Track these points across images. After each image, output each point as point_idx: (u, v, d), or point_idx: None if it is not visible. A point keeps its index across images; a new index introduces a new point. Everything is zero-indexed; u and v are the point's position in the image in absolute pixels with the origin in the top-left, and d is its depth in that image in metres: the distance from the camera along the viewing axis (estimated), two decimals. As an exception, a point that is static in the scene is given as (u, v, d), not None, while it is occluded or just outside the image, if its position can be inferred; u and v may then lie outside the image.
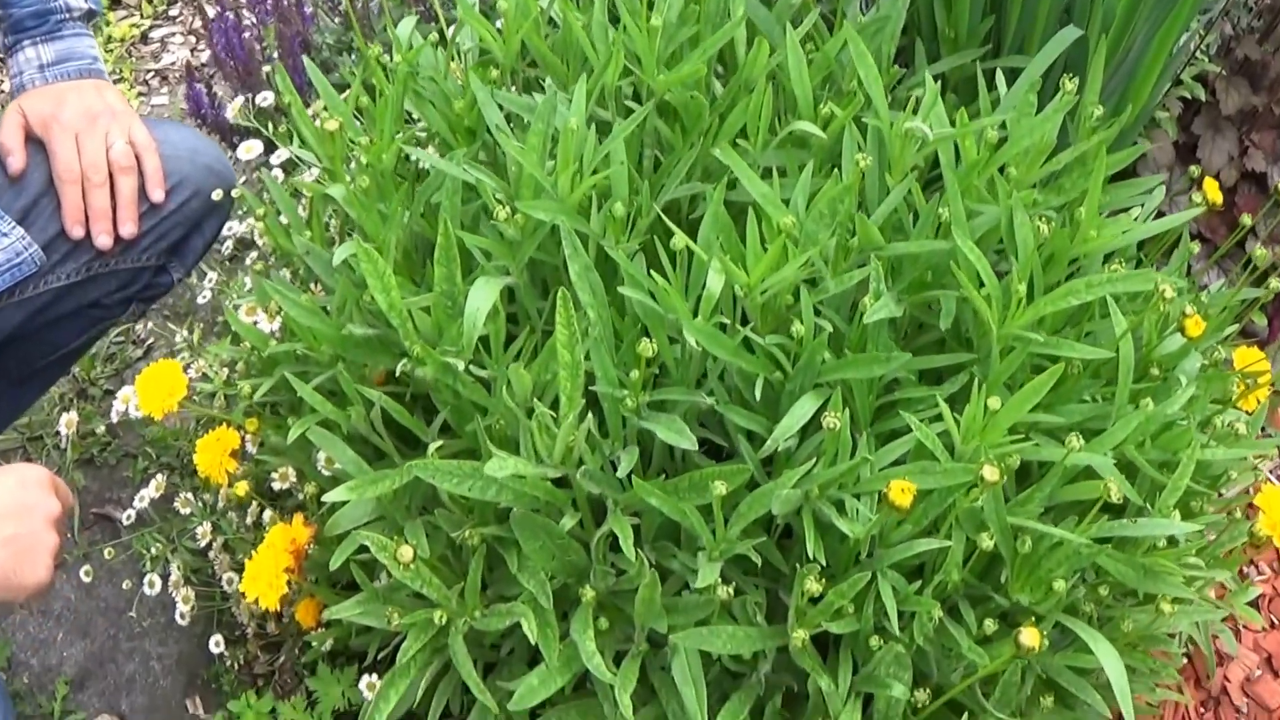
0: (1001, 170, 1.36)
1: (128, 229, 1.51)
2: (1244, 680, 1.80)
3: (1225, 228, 2.06)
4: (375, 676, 1.44)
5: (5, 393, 1.69)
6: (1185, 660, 1.78)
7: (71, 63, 1.55)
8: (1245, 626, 1.86)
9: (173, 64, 2.79)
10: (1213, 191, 1.41)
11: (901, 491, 1.07)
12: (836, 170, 1.34)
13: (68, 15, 1.56)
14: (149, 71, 2.78)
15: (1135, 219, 1.42)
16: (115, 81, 1.66)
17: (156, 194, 1.52)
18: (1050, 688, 1.33)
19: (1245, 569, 1.95)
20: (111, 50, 2.78)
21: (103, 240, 1.50)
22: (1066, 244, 1.33)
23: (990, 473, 1.08)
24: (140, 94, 2.71)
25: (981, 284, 1.23)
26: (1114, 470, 1.24)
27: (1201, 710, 1.78)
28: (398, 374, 1.25)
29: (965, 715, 1.24)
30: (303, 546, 1.37)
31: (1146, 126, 1.99)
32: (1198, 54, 2.04)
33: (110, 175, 1.49)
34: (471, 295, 1.20)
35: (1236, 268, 2.04)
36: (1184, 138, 2.06)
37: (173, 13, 2.93)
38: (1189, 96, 2.05)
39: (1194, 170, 1.70)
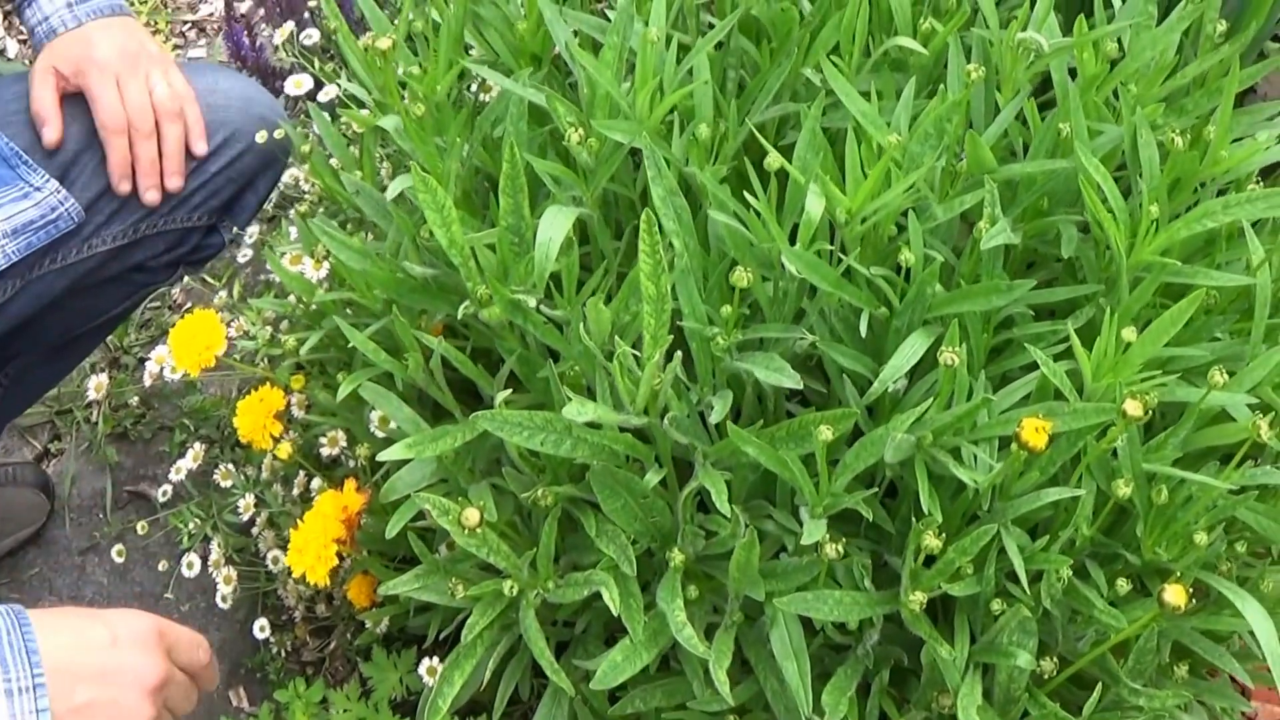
0: (1115, 94, 1.24)
1: (174, 182, 1.39)
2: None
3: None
4: (436, 660, 1.31)
5: (42, 362, 1.58)
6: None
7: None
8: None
9: (210, 15, 2.65)
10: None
11: (1036, 431, 0.95)
12: (940, 90, 1.21)
13: None
14: (185, 23, 2.63)
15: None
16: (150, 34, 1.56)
17: (199, 146, 1.40)
18: (1183, 656, 1.20)
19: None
20: (145, 0, 2.65)
21: (151, 195, 1.38)
22: (1195, 166, 1.20)
23: (1133, 407, 0.96)
24: (176, 46, 2.57)
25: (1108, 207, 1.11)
26: (1249, 414, 1.12)
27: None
28: (460, 317, 1.13)
29: (1098, 686, 1.10)
30: (355, 515, 1.24)
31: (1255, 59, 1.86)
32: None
33: (156, 123, 1.38)
34: (543, 224, 1.07)
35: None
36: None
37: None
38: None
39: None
